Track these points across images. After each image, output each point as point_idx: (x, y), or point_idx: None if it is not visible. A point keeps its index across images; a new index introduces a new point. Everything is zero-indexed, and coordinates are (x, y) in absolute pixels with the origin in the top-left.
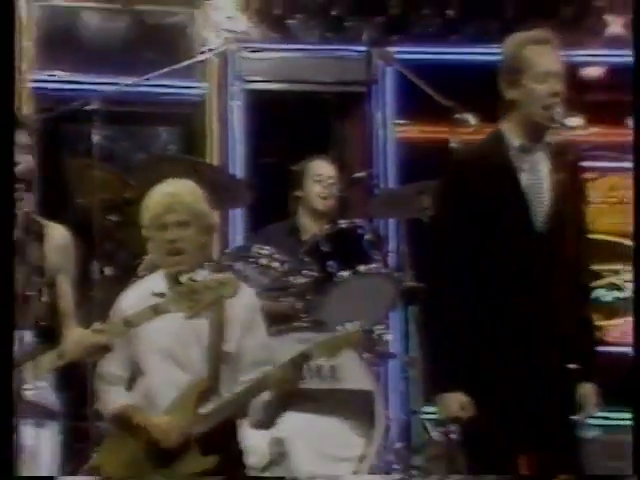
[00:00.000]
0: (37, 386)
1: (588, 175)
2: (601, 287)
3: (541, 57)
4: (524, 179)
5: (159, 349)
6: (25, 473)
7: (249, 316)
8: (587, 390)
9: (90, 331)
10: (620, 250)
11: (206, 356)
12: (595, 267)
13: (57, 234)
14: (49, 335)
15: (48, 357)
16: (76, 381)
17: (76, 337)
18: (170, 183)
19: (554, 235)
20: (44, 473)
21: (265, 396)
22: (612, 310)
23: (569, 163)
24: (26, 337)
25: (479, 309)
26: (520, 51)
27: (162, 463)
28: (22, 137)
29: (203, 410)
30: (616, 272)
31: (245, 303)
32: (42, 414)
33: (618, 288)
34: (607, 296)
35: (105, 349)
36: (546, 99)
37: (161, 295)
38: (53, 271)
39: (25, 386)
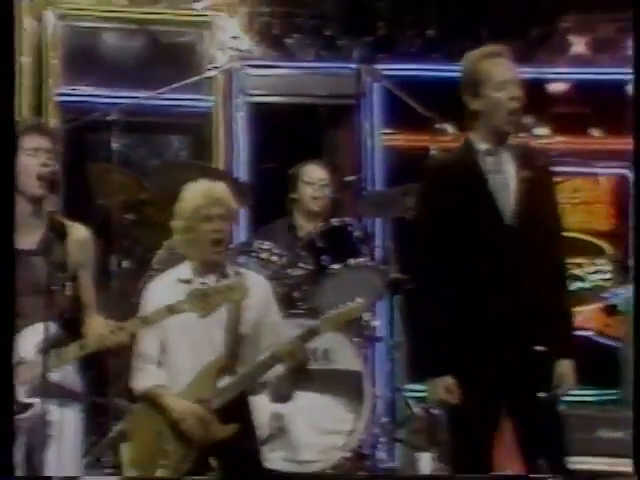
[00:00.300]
0: (61, 370)
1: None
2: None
3: (497, 68)
4: (491, 179)
5: (187, 330)
6: (52, 448)
7: (263, 303)
8: (565, 368)
9: (109, 329)
10: (583, 245)
11: (224, 337)
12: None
13: (79, 233)
14: (72, 326)
15: (71, 348)
16: (97, 363)
17: (97, 332)
18: (207, 182)
19: (522, 228)
20: (68, 447)
21: (278, 370)
22: (575, 299)
23: (537, 165)
24: (51, 328)
25: (458, 299)
26: (478, 65)
27: (185, 434)
28: (47, 144)
29: (221, 385)
30: (579, 265)
31: (259, 291)
32: (66, 394)
33: (581, 279)
34: (570, 286)
35: (122, 345)
36: (507, 104)
37: (187, 281)
38: (75, 266)
39: (51, 371)
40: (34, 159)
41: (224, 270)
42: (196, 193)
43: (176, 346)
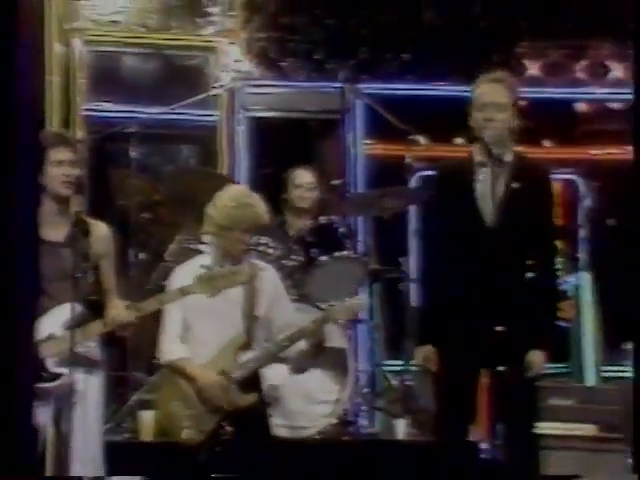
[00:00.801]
0: (86, 344)
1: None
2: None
3: (483, 91)
4: (477, 187)
5: (208, 311)
6: (77, 413)
7: (273, 289)
8: (536, 357)
9: (126, 309)
10: None
11: (242, 318)
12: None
13: (100, 229)
14: (95, 307)
15: (94, 325)
16: (117, 340)
17: (116, 311)
18: (242, 191)
19: (501, 230)
20: (92, 412)
21: (300, 346)
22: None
23: (532, 177)
24: (76, 309)
25: (446, 283)
26: (475, 87)
27: (210, 400)
28: (71, 153)
29: (242, 359)
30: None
31: (270, 279)
32: (89, 365)
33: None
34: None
35: (136, 323)
36: (481, 123)
37: (207, 267)
38: (97, 257)
39: (76, 345)
40: (60, 166)
41: (239, 261)
42: (241, 200)
43: (199, 324)
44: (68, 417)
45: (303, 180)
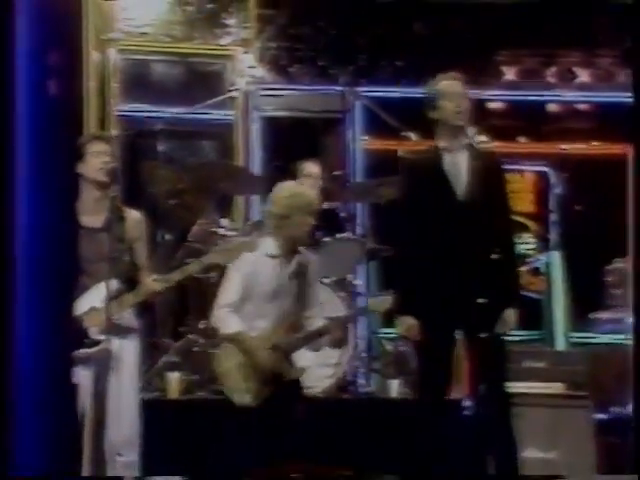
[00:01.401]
0: (122, 314)
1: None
2: None
3: (448, 86)
4: (447, 169)
5: (266, 289)
6: (114, 375)
7: (314, 274)
8: (509, 315)
9: (155, 281)
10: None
11: (295, 298)
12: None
13: (133, 215)
14: (129, 282)
15: (129, 297)
16: (149, 310)
17: (146, 284)
18: (298, 185)
19: (471, 204)
20: (127, 373)
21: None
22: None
23: (488, 160)
24: (113, 284)
25: (422, 258)
26: (437, 85)
27: (265, 371)
28: (106, 147)
29: (292, 336)
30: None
31: (313, 264)
32: (125, 332)
33: None
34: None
35: (162, 293)
36: (453, 110)
37: (273, 256)
38: (131, 240)
39: (114, 315)
40: (98, 156)
41: (298, 248)
42: (292, 191)
43: (256, 300)
44: (106, 379)
45: (311, 171)
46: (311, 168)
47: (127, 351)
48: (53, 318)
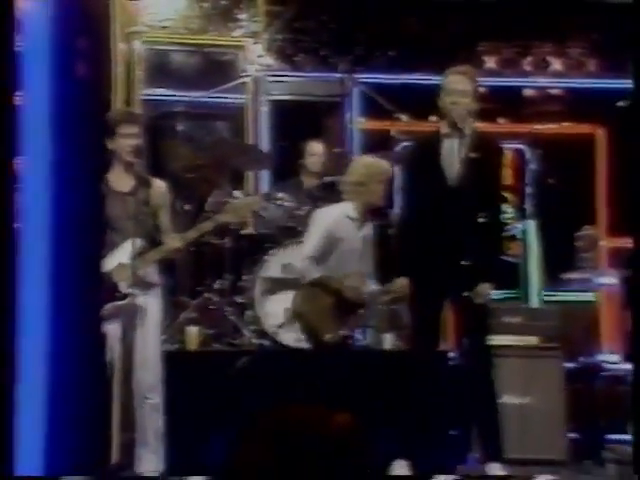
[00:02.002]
0: (146, 270)
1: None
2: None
3: (452, 80)
4: (443, 153)
5: (342, 245)
6: (139, 326)
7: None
8: (484, 287)
9: (174, 239)
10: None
11: (367, 257)
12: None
13: (157, 183)
14: (152, 242)
15: (152, 253)
16: (172, 271)
17: (168, 241)
18: (375, 158)
19: (462, 187)
20: (152, 324)
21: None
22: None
23: (487, 147)
24: (139, 243)
25: (418, 230)
26: (444, 77)
27: (345, 313)
28: (134, 129)
29: (363, 289)
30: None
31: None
32: (149, 286)
33: None
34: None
35: (181, 250)
36: (449, 105)
37: (351, 218)
38: (155, 205)
39: (139, 270)
40: (127, 138)
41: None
42: (368, 162)
43: (335, 254)
44: (133, 330)
45: (316, 150)
46: (317, 147)
47: (151, 304)
48: (86, 274)
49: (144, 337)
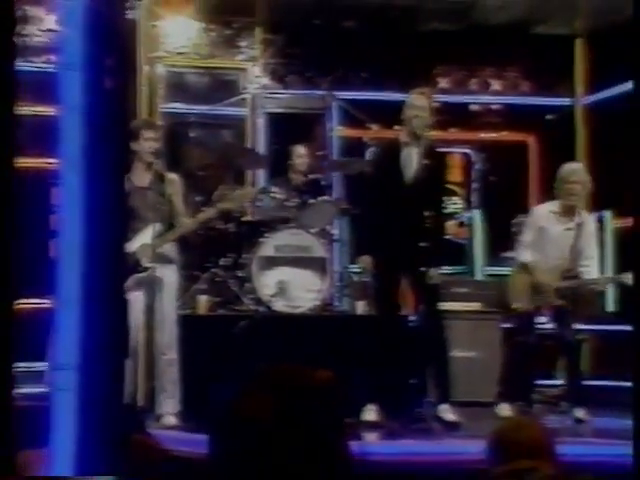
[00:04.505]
0: (165, 248)
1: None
2: None
3: (414, 97)
4: (402, 157)
5: (550, 236)
6: (158, 294)
7: (588, 232)
8: (434, 271)
9: (185, 221)
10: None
11: (570, 248)
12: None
13: (171, 177)
14: (170, 225)
15: (169, 234)
16: (186, 250)
17: (181, 223)
18: (576, 164)
19: (417, 185)
20: (169, 294)
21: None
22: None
23: (435, 153)
24: (158, 226)
25: (380, 218)
26: (407, 96)
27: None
28: (154, 134)
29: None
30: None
31: (588, 225)
32: (167, 261)
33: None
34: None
35: (193, 230)
36: (410, 117)
37: (554, 212)
38: (170, 195)
39: (158, 248)
40: (147, 141)
41: (575, 211)
42: (566, 168)
43: (543, 243)
44: (153, 297)
45: (300, 152)
46: (300, 150)
47: (168, 276)
48: (112, 253)
49: (162, 302)
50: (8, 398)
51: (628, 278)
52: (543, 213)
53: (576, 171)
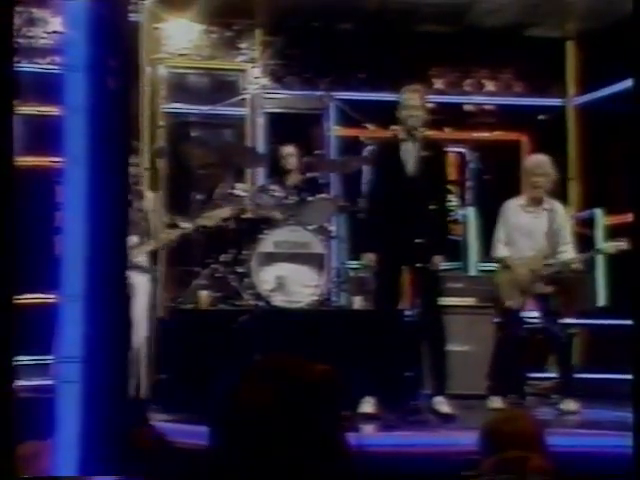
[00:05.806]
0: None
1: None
2: None
3: (407, 96)
4: (401, 154)
5: (523, 229)
6: (133, 306)
7: (560, 218)
8: (437, 259)
9: (163, 234)
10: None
11: (545, 236)
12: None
13: (150, 195)
14: (148, 236)
15: (144, 246)
16: (185, 249)
17: (158, 237)
18: (540, 156)
19: (418, 179)
20: (139, 302)
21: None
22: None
23: (434, 147)
24: (134, 239)
25: (381, 214)
26: (401, 95)
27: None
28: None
29: (545, 264)
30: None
31: (558, 211)
32: (140, 271)
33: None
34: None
35: (173, 242)
36: (406, 115)
37: (522, 205)
38: (147, 211)
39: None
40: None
41: (542, 201)
42: (531, 161)
43: (517, 237)
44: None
45: (289, 151)
46: (289, 149)
47: (141, 284)
48: (114, 247)
49: (134, 307)
50: (11, 390)
51: (610, 246)
52: (511, 207)
53: (541, 164)
